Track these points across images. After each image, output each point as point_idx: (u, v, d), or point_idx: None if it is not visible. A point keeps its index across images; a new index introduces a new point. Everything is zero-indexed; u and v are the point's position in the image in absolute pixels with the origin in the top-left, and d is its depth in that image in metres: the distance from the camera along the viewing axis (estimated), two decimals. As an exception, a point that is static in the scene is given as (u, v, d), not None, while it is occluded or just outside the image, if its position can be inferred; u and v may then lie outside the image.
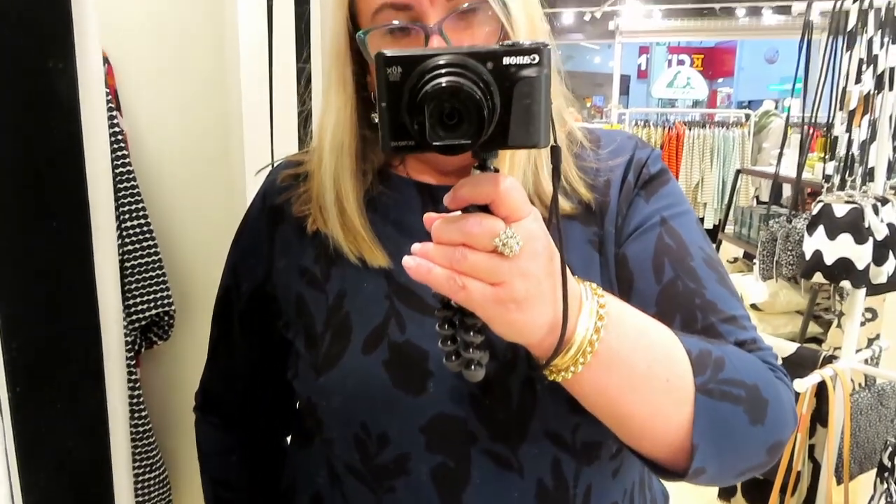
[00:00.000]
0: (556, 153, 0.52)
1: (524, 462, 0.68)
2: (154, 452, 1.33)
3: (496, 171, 0.49)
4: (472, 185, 0.48)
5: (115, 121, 1.27)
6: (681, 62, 13.19)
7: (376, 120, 0.71)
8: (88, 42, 0.76)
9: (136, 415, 1.28)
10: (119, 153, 1.27)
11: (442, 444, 0.67)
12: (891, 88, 1.85)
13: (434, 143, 0.44)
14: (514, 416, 0.67)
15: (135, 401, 1.27)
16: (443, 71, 0.44)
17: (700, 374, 0.59)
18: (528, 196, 0.68)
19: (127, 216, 1.27)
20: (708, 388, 0.59)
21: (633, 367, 0.57)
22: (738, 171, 4.50)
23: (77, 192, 0.76)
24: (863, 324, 2.73)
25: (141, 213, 1.29)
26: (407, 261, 0.49)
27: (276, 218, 0.78)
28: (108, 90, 1.28)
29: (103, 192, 0.80)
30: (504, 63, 0.45)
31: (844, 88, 1.91)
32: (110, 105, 1.27)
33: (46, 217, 0.74)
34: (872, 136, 1.90)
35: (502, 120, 0.46)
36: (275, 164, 0.84)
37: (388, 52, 0.45)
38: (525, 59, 0.46)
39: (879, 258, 1.81)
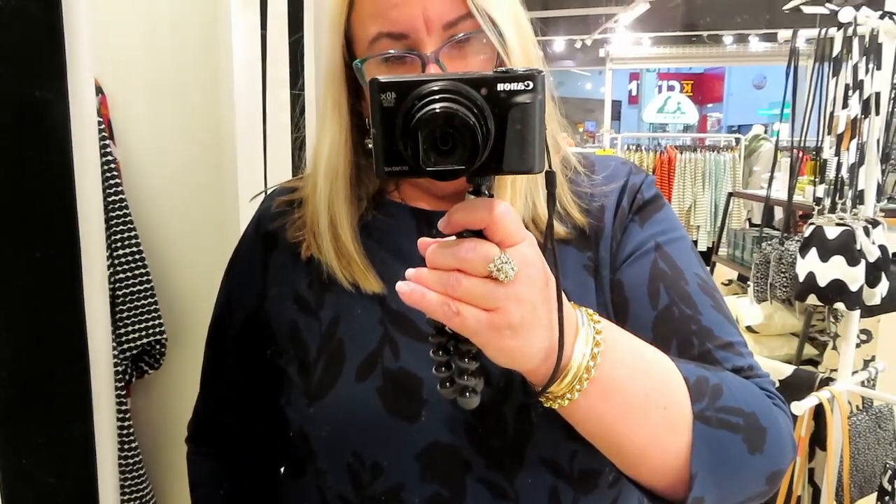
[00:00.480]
0: (551, 178, 0.52)
1: (520, 491, 0.66)
2: (144, 485, 1.30)
3: (491, 196, 0.49)
4: (467, 210, 0.48)
5: (108, 149, 1.28)
6: (671, 88, 13.35)
7: (370, 146, 0.72)
8: (81, 72, 0.77)
9: (126, 446, 1.26)
10: (112, 181, 1.27)
11: (436, 473, 0.66)
12: (877, 113, 1.88)
13: (428, 169, 0.44)
14: (510, 443, 0.66)
15: (125, 432, 1.25)
16: (437, 97, 0.44)
17: (698, 402, 0.58)
18: (525, 221, 0.69)
19: (119, 245, 1.26)
20: (706, 416, 0.58)
21: (630, 394, 0.56)
22: (730, 195, 4.53)
23: (67, 222, 0.76)
24: (858, 345, 2.73)
25: (133, 242, 1.28)
26: (401, 286, 0.49)
27: (270, 244, 0.78)
28: (101, 119, 1.28)
29: (95, 222, 0.80)
30: (498, 89, 0.46)
31: (832, 113, 1.94)
32: (103, 134, 1.27)
33: (35, 247, 0.74)
34: (861, 160, 1.91)
35: (497, 145, 0.46)
36: (269, 191, 0.83)
37: (382, 78, 0.46)
38: (519, 86, 0.46)
39: (872, 280, 1.82)
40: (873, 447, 2.04)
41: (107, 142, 1.28)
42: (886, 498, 1.80)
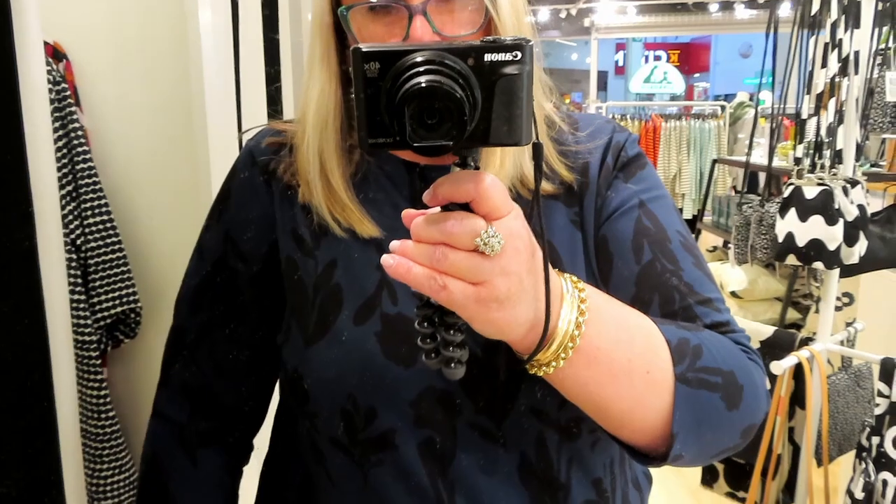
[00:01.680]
0: (538, 150, 0.52)
1: (508, 436, 0.68)
2: (124, 454, 1.30)
3: (477, 167, 0.48)
4: (453, 182, 0.47)
5: (75, 117, 1.25)
6: (657, 58, 13.30)
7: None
8: (28, 32, 0.74)
9: (104, 415, 1.26)
10: (80, 149, 1.25)
11: (429, 417, 0.67)
12: (856, 72, 1.87)
13: (414, 145, 0.43)
14: (501, 390, 0.67)
15: (101, 401, 1.25)
16: (422, 69, 0.43)
17: (679, 364, 0.60)
18: (513, 184, 0.69)
19: (89, 213, 1.25)
20: (686, 377, 0.60)
21: (614, 360, 0.57)
22: (715, 161, 4.53)
23: (19, 191, 0.73)
24: (839, 308, 2.76)
25: (104, 210, 1.27)
26: (386, 259, 0.48)
27: (268, 175, 0.76)
28: (67, 86, 1.26)
29: (49, 192, 0.77)
30: (485, 60, 0.44)
31: (811, 73, 1.93)
32: (70, 101, 1.25)
33: None
34: (840, 120, 1.91)
35: (483, 117, 0.45)
36: (259, 129, 0.80)
37: (365, 48, 0.44)
38: (507, 56, 0.44)
39: (850, 239, 1.82)
40: (852, 405, 2.07)
41: (73, 109, 1.25)
42: (864, 454, 1.82)
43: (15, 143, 0.73)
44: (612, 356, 0.57)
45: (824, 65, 1.90)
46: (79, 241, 1.24)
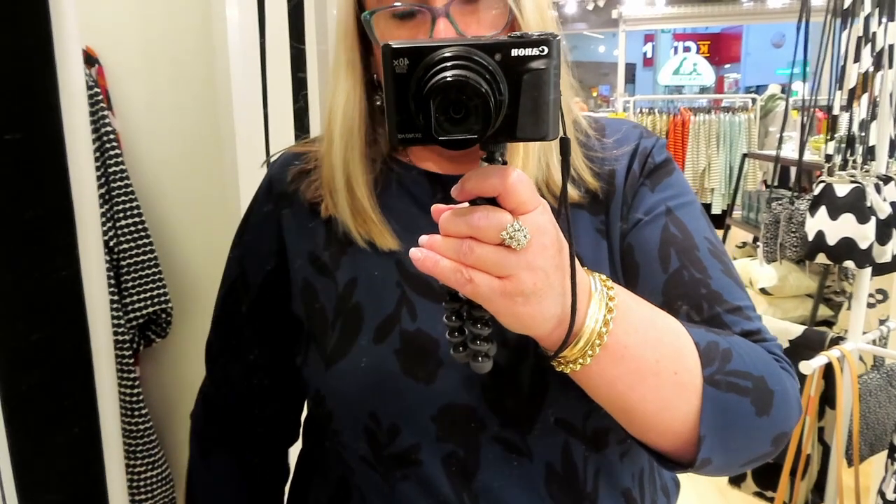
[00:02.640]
0: (565, 145, 0.52)
1: (534, 448, 0.68)
2: (156, 450, 1.33)
3: (504, 163, 0.49)
4: (480, 177, 0.48)
5: (107, 120, 1.28)
6: (687, 49, 13.09)
7: (378, 102, 0.72)
8: (68, 40, 0.76)
9: (136, 413, 1.29)
10: (112, 153, 1.28)
11: (452, 432, 0.67)
12: (890, 66, 1.83)
13: (440, 138, 0.44)
14: (525, 404, 0.67)
15: (134, 399, 1.28)
16: (449, 64, 0.44)
17: (708, 366, 0.59)
18: (538, 186, 0.69)
19: (121, 215, 1.28)
20: (715, 380, 0.59)
21: (641, 360, 0.57)
22: (745, 156, 4.46)
23: (60, 191, 0.76)
24: (872, 305, 2.70)
25: (136, 212, 1.29)
26: (414, 252, 0.49)
27: (283, 204, 0.77)
28: (99, 90, 1.29)
29: (88, 191, 0.80)
30: (512, 55, 0.45)
31: (843, 67, 1.89)
32: (102, 105, 1.28)
33: (30, 217, 0.74)
34: (873, 115, 1.87)
35: (510, 112, 0.45)
36: (277, 154, 0.82)
37: (395, 44, 0.45)
38: (534, 51, 0.45)
39: (883, 237, 1.79)
40: (884, 405, 2.03)
41: (105, 113, 1.28)
42: (896, 455, 1.79)
43: (55, 148, 0.75)
44: (640, 355, 0.56)
45: (857, 59, 1.86)
46: (112, 243, 1.27)
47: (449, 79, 0.43)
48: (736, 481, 2.29)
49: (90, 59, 1.33)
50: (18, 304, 0.74)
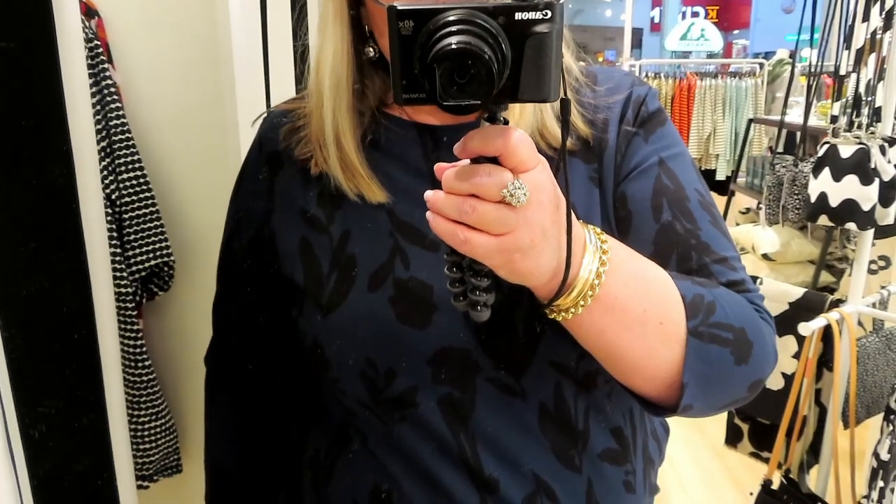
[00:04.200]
0: (566, 106, 0.53)
1: (527, 389, 0.70)
2: (160, 401, 1.36)
3: (506, 121, 0.50)
4: (482, 137, 0.49)
5: (108, 73, 1.27)
6: (695, 14, 12.85)
7: (370, 54, 0.72)
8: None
9: (140, 364, 1.31)
10: (113, 105, 1.27)
11: (447, 375, 0.69)
12: (900, 25, 1.80)
13: (445, 104, 0.45)
14: (519, 347, 0.69)
15: (138, 351, 1.30)
16: (453, 28, 0.45)
17: (692, 318, 0.62)
18: (532, 135, 0.69)
19: (123, 168, 1.28)
20: (699, 332, 0.62)
21: (630, 310, 0.59)
22: (751, 121, 4.42)
23: (60, 144, 0.75)
24: (874, 272, 2.70)
25: (137, 166, 1.30)
26: (427, 195, 0.51)
27: (274, 164, 0.78)
28: (99, 43, 1.28)
29: (87, 142, 0.79)
30: (516, 18, 0.46)
31: (852, 26, 1.86)
32: (102, 58, 1.27)
33: (31, 170, 0.73)
34: (880, 76, 1.85)
35: (513, 74, 0.46)
36: (267, 112, 0.83)
37: (400, 6, 0.46)
38: (538, 15, 0.46)
39: (886, 199, 1.78)
40: (882, 368, 2.04)
41: (106, 66, 1.27)
42: (892, 417, 1.81)
43: (54, 99, 0.75)
44: (629, 306, 0.59)
45: (866, 18, 1.83)
46: (113, 196, 1.28)
47: (454, 46, 0.44)
48: (732, 441, 2.32)
49: (90, 12, 1.31)
50: (21, 255, 0.74)
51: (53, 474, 0.69)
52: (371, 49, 0.72)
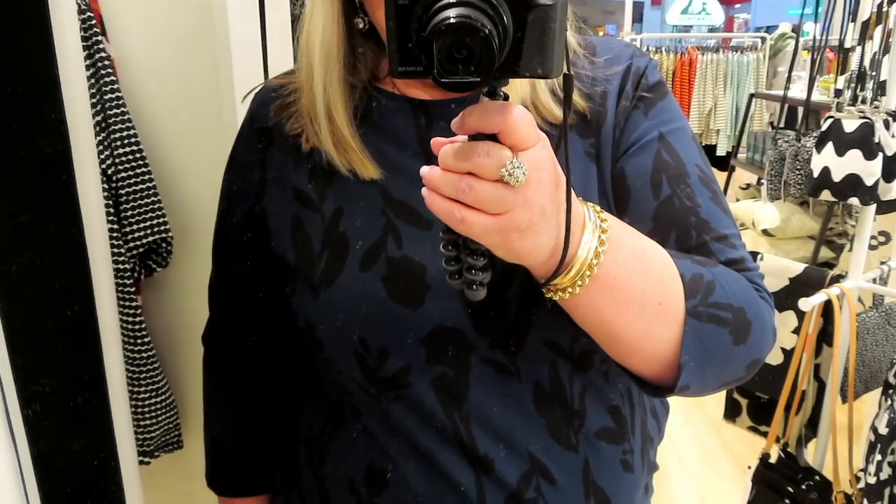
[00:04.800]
0: (568, 82, 0.52)
1: (522, 368, 0.69)
2: (160, 377, 1.35)
3: (506, 97, 0.48)
4: (481, 113, 0.47)
5: (102, 46, 1.25)
6: (697, -13, 12.71)
7: (360, 26, 0.70)
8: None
9: (139, 341, 1.30)
10: (107, 79, 1.25)
11: (441, 355, 0.69)
12: (907, -3, 1.78)
13: (443, 80, 0.43)
14: (513, 326, 0.68)
15: (137, 327, 1.29)
16: (453, 0, 0.42)
17: (691, 298, 0.61)
18: (525, 104, 0.68)
19: (119, 143, 1.26)
20: (697, 312, 0.61)
21: (628, 290, 0.58)
22: (752, 96, 4.39)
23: (55, 117, 0.73)
24: (875, 247, 2.70)
25: (133, 141, 1.28)
26: (424, 170, 0.50)
27: (266, 140, 0.77)
28: (92, 14, 1.25)
29: (83, 116, 0.77)
30: None
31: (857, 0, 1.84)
32: (96, 30, 1.24)
33: (28, 145, 0.72)
34: (886, 50, 1.83)
35: (514, 48, 0.44)
36: (258, 88, 0.82)
37: None
38: None
39: (889, 174, 1.77)
40: (881, 343, 2.05)
41: (100, 38, 1.25)
42: (891, 391, 1.82)
43: (48, 71, 0.73)
44: (628, 286, 0.58)
45: (872, -10, 1.81)
46: (110, 171, 1.26)
47: (452, 20, 0.41)
48: (731, 416, 2.34)
49: (82, -18, 1.29)
50: (18, 230, 0.72)
51: (51, 453, 0.69)
52: (361, 20, 0.70)
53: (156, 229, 1.30)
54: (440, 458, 0.70)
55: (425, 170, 0.50)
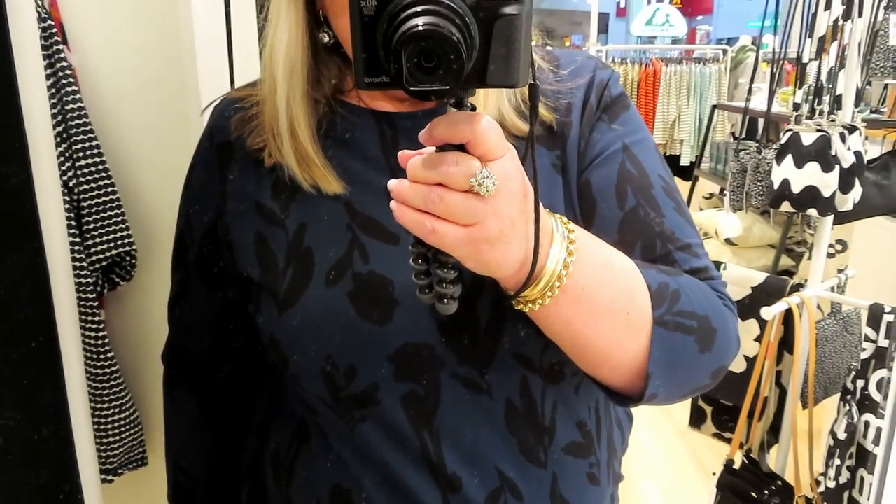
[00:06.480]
0: (534, 92, 0.52)
1: (493, 384, 0.69)
2: (123, 393, 1.33)
3: (473, 108, 0.48)
4: (449, 123, 0.47)
5: (63, 55, 1.23)
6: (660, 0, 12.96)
7: (325, 40, 0.69)
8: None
9: (103, 357, 1.27)
10: (69, 89, 1.23)
11: (410, 372, 0.68)
12: (860, 15, 1.83)
13: (412, 89, 0.43)
14: (482, 340, 0.67)
15: (100, 343, 1.26)
16: (419, 8, 0.42)
17: (658, 308, 0.62)
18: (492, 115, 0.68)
19: (81, 154, 1.24)
20: (664, 321, 0.62)
21: (597, 301, 0.59)
22: (714, 107, 4.48)
23: (14, 134, 0.72)
24: (832, 255, 2.77)
25: (96, 152, 1.25)
26: (391, 183, 0.49)
27: (226, 155, 0.75)
28: (53, 23, 1.23)
29: (42, 127, 0.76)
30: None
31: (814, 15, 1.89)
32: (56, 39, 1.22)
33: None
34: (841, 64, 1.88)
35: (481, 58, 0.44)
36: (218, 101, 0.80)
37: None
38: None
39: (846, 186, 1.82)
40: (840, 350, 2.10)
41: (61, 47, 1.23)
42: (848, 397, 1.86)
43: (6, 81, 0.71)
44: (596, 296, 0.59)
45: (828, 6, 1.86)
46: (71, 184, 1.23)
47: (421, 27, 0.41)
48: (696, 423, 2.37)
49: (42, -10, 1.26)
50: None
51: (15, 486, 0.67)
52: (326, 34, 0.69)
53: (119, 242, 1.27)
54: (406, 478, 0.69)
55: (393, 183, 0.49)
